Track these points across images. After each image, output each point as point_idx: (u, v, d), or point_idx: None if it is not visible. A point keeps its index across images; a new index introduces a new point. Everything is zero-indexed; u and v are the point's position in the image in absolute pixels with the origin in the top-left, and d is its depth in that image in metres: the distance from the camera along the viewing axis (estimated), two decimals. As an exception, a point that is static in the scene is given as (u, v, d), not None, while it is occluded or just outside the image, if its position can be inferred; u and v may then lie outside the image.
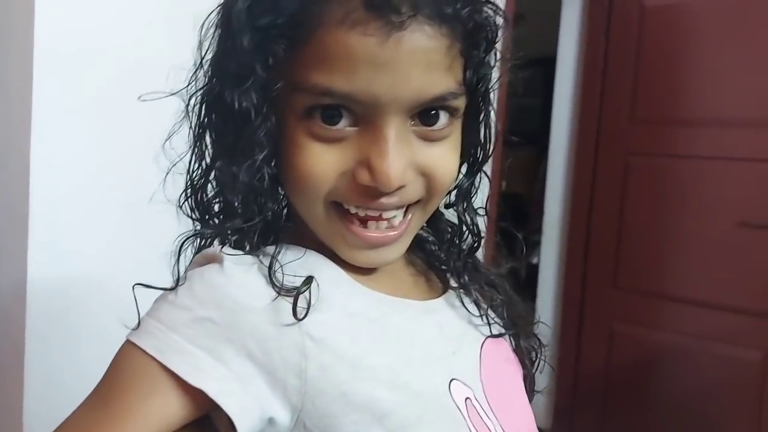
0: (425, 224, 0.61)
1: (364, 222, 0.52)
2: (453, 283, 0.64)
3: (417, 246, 0.63)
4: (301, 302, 0.48)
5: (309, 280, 0.49)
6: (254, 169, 0.50)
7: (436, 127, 0.51)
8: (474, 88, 0.54)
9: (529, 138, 3.34)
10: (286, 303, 0.48)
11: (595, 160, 2.63)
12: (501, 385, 0.59)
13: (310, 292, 0.49)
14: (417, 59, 0.47)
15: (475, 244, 0.64)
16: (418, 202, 0.54)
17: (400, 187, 0.50)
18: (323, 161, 0.49)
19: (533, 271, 2.90)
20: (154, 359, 0.45)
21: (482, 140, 0.61)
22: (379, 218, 0.52)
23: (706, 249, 2.34)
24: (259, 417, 0.46)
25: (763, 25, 2.20)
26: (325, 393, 0.47)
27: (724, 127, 2.30)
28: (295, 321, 0.47)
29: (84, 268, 1.19)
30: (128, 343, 0.47)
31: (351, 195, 0.51)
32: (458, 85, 0.51)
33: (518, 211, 3.76)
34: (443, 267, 0.65)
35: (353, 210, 0.51)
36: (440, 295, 0.61)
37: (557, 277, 2.81)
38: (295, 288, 0.48)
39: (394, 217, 0.52)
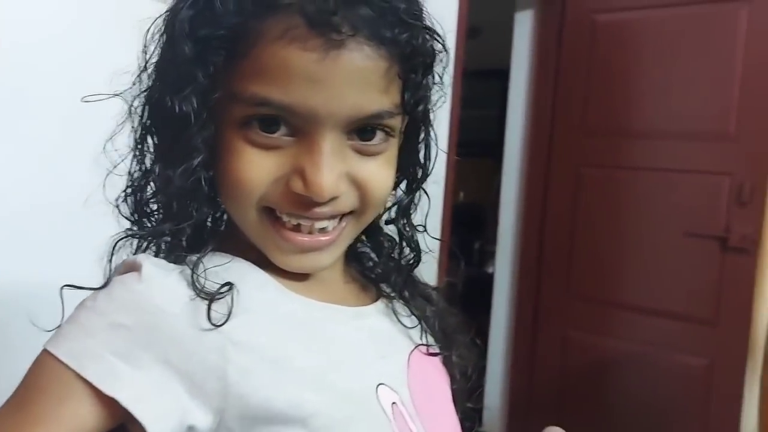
0: (365, 238, 0.63)
1: (296, 228, 0.53)
2: (388, 292, 0.65)
3: (354, 258, 0.65)
4: (222, 308, 0.48)
5: (228, 285, 0.50)
6: (189, 173, 0.51)
7: (371, 143, 0.52)
8: (412, 109, 0.55)
9: (486, 148, 3.43)
10: (206, 307, 0.48)
11: (548, 171, 2.69)
12: (428, 393, 0.59)
13: (232, 298, 0.49)
14: (353, 78, 0.48)
15: (414, 260, 0.65)
16: (351, 213, 0.55)
17: (333, 199, 0.51)
18: (258, 167, 0.50)
19: (488, 281, 2.94)
20: (66, 365, 0.45)
21: (422, 160, 0.62)
22: (311, 227, 0.53)
23: (655, 258, 2.41)
24: (177, 424, 0.46)
25: (706, 42, 2.28)
26: (248, 395, 0.47)
27: (671, 139, 2.37)
28: (212, 326, 0.47)
29: (19, 271, 1.17)
30: (43, 351, 0.47)
31: (284, 202, 0.51)
32: (394, 106, 0.52)
33: (476, 221, 3.81)
34: (378, 279, 0.66)
35: (285, 218, 0.52)
36: (373, 302, 0.62)
37: (512, 285, 2.85)
38: (214, 292, 0.49)
39: (326, 227, 0.53)
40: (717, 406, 2.25)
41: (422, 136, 0.61)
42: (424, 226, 0.67)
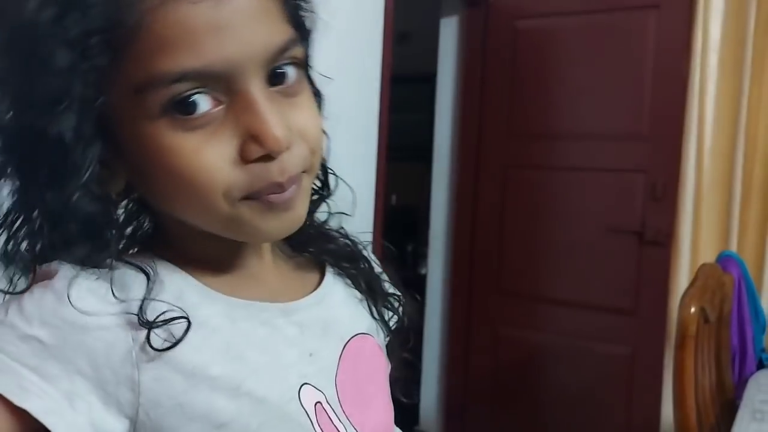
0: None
1: (278, 188, 0.48)
2: (330, 272, 0.62)
3: (304, 241, 0.61)
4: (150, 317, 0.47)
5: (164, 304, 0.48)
6: (86, 191, 0.46)
7: (288, 84, 0.49)
8: (306, 30, 0.53)
9: (417, 152, 3.49)
10: (119, 317, 0.46)
11: (476, 172, 2.77)
12: (358, 386, 0.58)
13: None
14: (253, 13, 0.46)
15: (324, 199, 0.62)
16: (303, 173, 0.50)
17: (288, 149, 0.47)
18: (206, 153, 0.45)
19: (422, 282, 2.99)
20: None
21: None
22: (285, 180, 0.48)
23: (578, 254, 2.52)
24: None
25: (620, 48, 2.41)
26: (161, 405, 0.46)
27: (590, 140, 2.49)
28: (128, 334, 0.46)
29: None
30: None
31: (255, 180, 0.47)
32: (294, 33, 0.50)
33: (409, 224, 3.86)
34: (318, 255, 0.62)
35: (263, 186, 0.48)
36: (312, 291, 0.59)
37: (444, 285, 2.91)
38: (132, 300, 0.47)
39: (294, 173, 0.49)
40: (640, 391, 2.38)
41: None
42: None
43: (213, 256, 0.53)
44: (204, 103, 0.45)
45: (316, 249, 0.62)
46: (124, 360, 0.46)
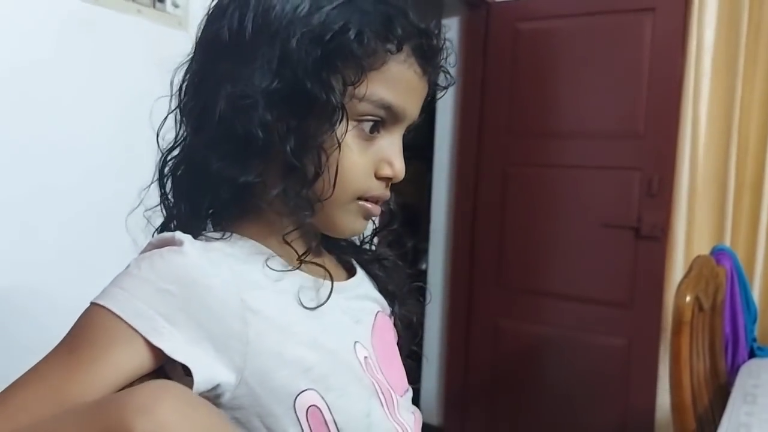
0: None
1: (375, 200, 0.68)
2: (357, 266, 0.79)
3: (334, 244, 0.78)
4: (254, 279, 0.62)
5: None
6: (325, 160, 0.62)
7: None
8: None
9: (417, 151, 3.54)
10: (232, 280, 0.58)
11: (476, 170, 2.84)
12: (385, 350, 0.74)
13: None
14: (424, 95, 0.68)
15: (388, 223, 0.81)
16: None
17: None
18: (364, 161, 0.65)
19: (422, 277, 3.05)
20: (118, 317, 0.53)
21: None
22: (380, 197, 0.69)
23: (576, 249, 2.59)
24: (207, 377, 0.56)
25: (617, 49, 2.49)
26: (263, 353, 0.58)
27: (588, 139, 2.57)
28: (238, 296, 0.58)
29: (25, 275, 1.21)
30: (93, 305, 0.55)
31: (371, 188, 0.66)
32: None
33: (410, 221, 3.92)
34: (347, 254, 0.80)
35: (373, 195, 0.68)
36: (349, 278, 0.76)
37: (445, 280, 2.98)
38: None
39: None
40: (636, 381, 2.45)
41: None
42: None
43: (293, 241, 0.67)
44: (378, 128, 0.65)
45: (342, 251, 0.79)
46: (236, 317, 0.57)
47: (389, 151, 0.66)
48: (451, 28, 2.87)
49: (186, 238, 0.58)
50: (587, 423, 2.54)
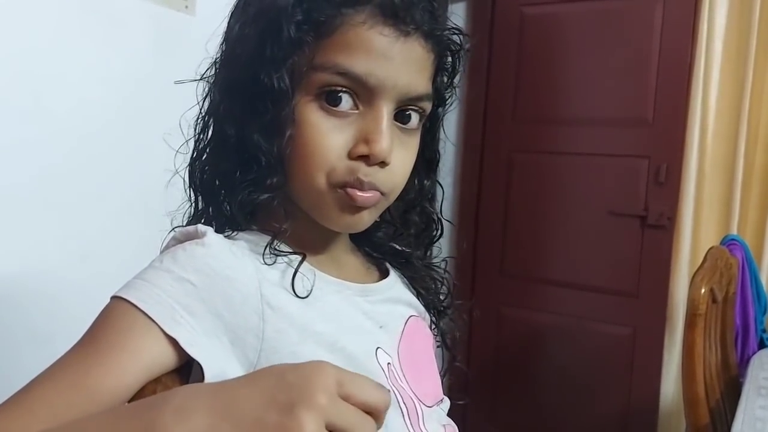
0: (393, 217, 0.74)
1: (359, 185, 0.60)
2: (391, 269, 0.75)
3: (364, 236, 0.73)
4: (272, 277, 0.59)
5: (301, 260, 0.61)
6: (284, 144, 0.58)
7: (407, 125, 0.62)
8: (441, 95, 0.69)
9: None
10: (252, 275, 0.57)
11: (481, 156, 2.81)
12: (414, 357, 0.70)
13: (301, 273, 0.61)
14: (412, 61, 0.60)
15: (440, 235, 0.78)
16: (382, 194, 0.63)
17: (383, 165, 0.60)
18: (332, 136, 0.58)
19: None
20: (136, 306, 0.52)
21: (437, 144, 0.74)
22: (368, 181, 0.60)
23: (581, 237, 2.57)
24: (220, 369, 0.54)
25: (625, 34, 2.45)
26: (278, 351, 0.56)
27: (595, 125, 2.53)
28: (258, 291, 0.56)
29: (19, 266, 1.19)
30: (113, 298, 0.54)
31: (347, 171, 0.59)
32: (431, 92, 0.64)
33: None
34: (387, 257, 0.76)
35: (349, 178, 0.60)
36: (377, 281, 0.72)
37: (449, 267, 2.93)
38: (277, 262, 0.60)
39: (376, 185, 0.61)
40: (639, 371, 2.44)
41: (440, 121, 0.72)
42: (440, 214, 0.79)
43: (309, 238, 0.64)
44: (346, 102, 0.58)
45: (379, 254, 0.76)
46: (254, 312, 0.56)
47: (367, 128, 0.58)
48: (458, 15, 2.82)
49: (208, 230, 0.58)
50: (590, 411, 2.53)
